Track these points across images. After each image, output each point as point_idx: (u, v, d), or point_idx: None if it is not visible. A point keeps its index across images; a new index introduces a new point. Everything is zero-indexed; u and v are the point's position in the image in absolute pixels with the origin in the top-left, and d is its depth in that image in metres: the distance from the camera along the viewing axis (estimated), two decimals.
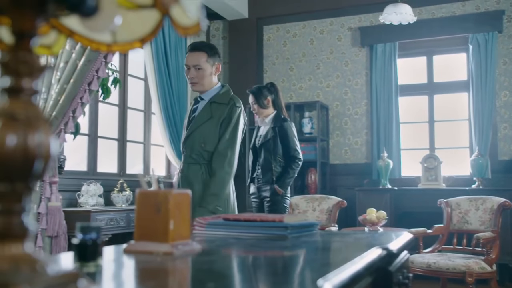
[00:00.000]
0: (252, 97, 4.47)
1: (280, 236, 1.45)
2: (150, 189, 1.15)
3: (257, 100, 4.41)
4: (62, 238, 3.09)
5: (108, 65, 3.18)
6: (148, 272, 0.94)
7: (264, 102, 4.41)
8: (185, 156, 2.93)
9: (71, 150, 4.79)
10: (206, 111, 2.96)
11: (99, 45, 0.72)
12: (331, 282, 0.74)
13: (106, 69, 3.18)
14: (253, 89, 4.55)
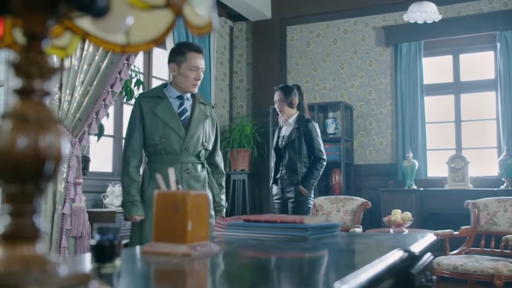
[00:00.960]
0: (281, 93, 4.42)
1: (301, 237, 1.43)
2: (168, 190, 1.15)
3: (286, 97, 4.38)
4: (86, 239, 3.12)
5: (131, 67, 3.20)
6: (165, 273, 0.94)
7: (292, 101, 4.40)
8: (187, 155, 2.89)
9: (96, 152, 4.85)
10: (201, 111, 2.99)
11: (113, 46, 0.72)
12: (348, 285, 0.73)
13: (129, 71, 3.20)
14: (283, 86, 4.54)
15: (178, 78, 2.92)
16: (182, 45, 3.02)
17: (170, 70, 2.95)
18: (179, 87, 2.93)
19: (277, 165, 4.47)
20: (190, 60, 2.89)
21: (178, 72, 2.90)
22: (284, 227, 1.48)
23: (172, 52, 3.00)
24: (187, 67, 2.88)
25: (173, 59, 2.94)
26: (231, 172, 6.44)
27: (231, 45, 7.02)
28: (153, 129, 2.85)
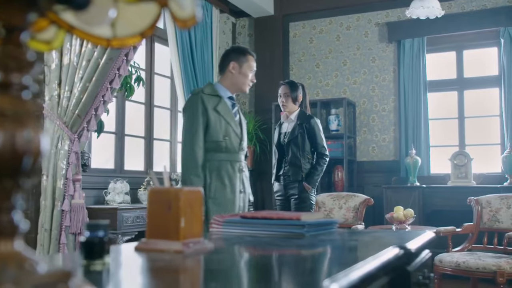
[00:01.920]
0: (287, 88, 4.41)
1: (297, 234, 1.42)
2: (161, 187, 1.14)
3: (291, 92, 4.38)
4: None
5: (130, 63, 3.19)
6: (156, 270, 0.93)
7: (297, 97, 4.40)
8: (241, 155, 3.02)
9: (99, 148, 4.85)
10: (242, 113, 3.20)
11: (98, 40, 0.71)
12: (338, 283, 0.71)
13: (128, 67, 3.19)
14: (289, 81, 4.56)
15: (236, 77, 3.03)
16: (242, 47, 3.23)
17: (228, 68, 3.02)
18: (234, 86, 3.04)
19: (279, 162, 4.45)
20: (250, 62, 3.07)
21: (239, 71, 3.02)
22: (281, 224, 1.46)
23: (234, 51, 3.11)
24: (248, 68, 3.05)
25: (235, 58, 3.05)
26: None
27: (234, 41, 7.00)
28: (218, 127, 2.90)
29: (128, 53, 3.08)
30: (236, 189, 2.97)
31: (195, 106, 2.90)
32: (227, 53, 3.13)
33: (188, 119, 2.91)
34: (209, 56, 6.00)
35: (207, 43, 5.98)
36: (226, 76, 3.07)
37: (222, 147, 2.91)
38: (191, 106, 2.92)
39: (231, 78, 3.04)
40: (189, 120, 2.90)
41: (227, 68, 3.05)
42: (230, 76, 3.05)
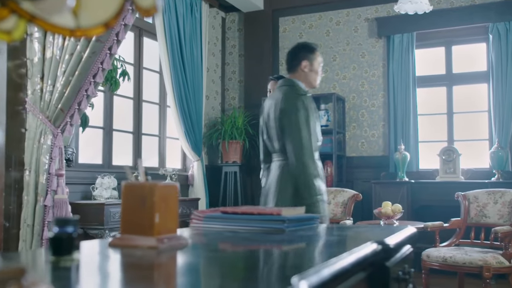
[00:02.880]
0: (276, 83, 4.40)
1: (277, 229, 1.41)
2: (136, 182, 1.12)
3: None
4: None
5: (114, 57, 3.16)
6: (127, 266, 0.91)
7: None
8: None
9: (86, 143, 4.82)
10: None
11: (61, 30, 0.69)
12: (308, 280, 0.70)
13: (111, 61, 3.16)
14: (278, 76, 4.54)
15: (309, 74, 3.07)
16: (308, 43, 3.23)
17: (300, 67, 3.05)
18: (307, 82, 3.08)
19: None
20: (318, 58, 3.12)
21: (310, 69, 3.06)
22: (261, 219, 1.45)
23: (303, 49, 3.12)
24: (318, 64, 3.11)
25: (306, 56, 3.08)
26: (223, 164, 6.41)
27: (223, 36, 6.97)
28: (317, 128, 2.97)
29: (112, 46, 3.05)
30: None
31: (304, 108, 2.92)
32: (297, 51, 3.14)
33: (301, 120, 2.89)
34: (198, 51, 5.96)
35: (196, 37, 5.95)
36: (299, 74, 3.08)
37: (316, 147, 2.97)
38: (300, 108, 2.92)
39: (304, 76, 3.08)
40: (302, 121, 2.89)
41: (299, 66, 3.07)
42: (304, 75, 3.07)
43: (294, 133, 2.88)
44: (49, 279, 0.75)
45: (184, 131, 5.66)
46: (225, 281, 0.76)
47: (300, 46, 3.18)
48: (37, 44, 3.04)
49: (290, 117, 2.92)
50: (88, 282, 0.77)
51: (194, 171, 5.91)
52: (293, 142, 2.88)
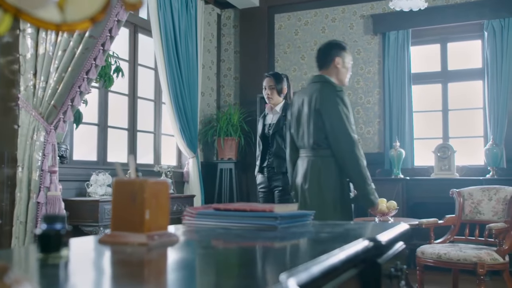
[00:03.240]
0: (271, 80, 4.39)
1: (270, 226, 1.40)
2: (126, 178, 1.11)
3: (276, 84, 4.36)
4: None
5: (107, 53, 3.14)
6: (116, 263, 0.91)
7: (282, 89, 4.38)
8: None
9: (81, 140, 4.80)
10: None
11: (47, 24, 0.68)
12: (297, 277, 0.70)
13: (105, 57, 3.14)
14: (274, 73, 4.53)
15: (342, 71, 3.21)
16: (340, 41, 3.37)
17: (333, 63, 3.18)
18: (339, 79, 3.22)
19: (263, 154, 4.44)
20: (349, 56, 3.25)
21: (343, 65, 3.20)
22: (254, 216, 1.45)
23: (336, 46, 3.26)
24: (349, 61, 3.24)
25: (339, 53, 3.21)
26: (218, 161, 6.41)
27: (219, 33, 6.96)
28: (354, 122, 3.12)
29: (105, 43, 3.03)
30: None
31: (345, 104, 3.05)
32: (329, 49, 3.25)
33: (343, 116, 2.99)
34: (194, 47, 5.95)
35: (192, 34, 5.93)
36: (332, 71, 3.21)
37: None
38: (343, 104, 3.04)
39: (336, 73, 3.21)
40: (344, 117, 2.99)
41: (332, 63, 3.19)
42: (336, 71, 3.20)
43: (339, 127, 2.95)
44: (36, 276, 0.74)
45: (179, 128, 5.64)
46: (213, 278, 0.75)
47: (332, 44, 3.30)
48: (29, 40, 3.02)
49: (332, 112, 2.99)
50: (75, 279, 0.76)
51: (189, 168, 5.91)
52: (339, 136, 2.96)
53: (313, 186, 3.04)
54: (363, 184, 2.99)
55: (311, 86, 3.19)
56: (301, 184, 3.11)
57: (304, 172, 3.09)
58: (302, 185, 3.11)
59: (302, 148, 3.17)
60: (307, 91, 3.21)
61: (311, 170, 3.06)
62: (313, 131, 3.06)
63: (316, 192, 3.03)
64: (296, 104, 3.24)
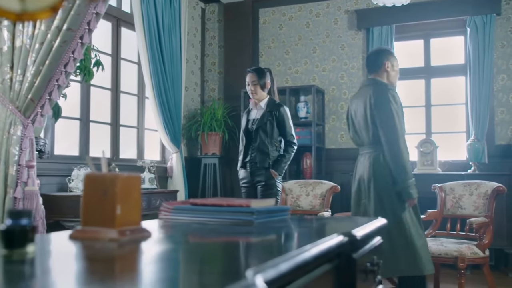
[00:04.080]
0: (254, 75, 4.36)
1: (246, 221, 1.39)
2: (97, 172, 1.09)
3: (259, 80, 4.34)
4: (40, 223, 3.04)
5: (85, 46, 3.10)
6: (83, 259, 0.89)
7: (265, 83, 4.37)
8: None
9: (63, 135, 4.75)
10: None
11: (7, 13, 0.66)
12: (265, 274, 0.68)
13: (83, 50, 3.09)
14: (256, 68, 4.50)
15: (391, 74, 3.51)
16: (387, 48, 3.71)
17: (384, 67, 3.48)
18: (390, 82, 3.50)
19: (246, 149, 4.42)
20: (396, 60, 3.54)
21: (392, 69, 3.50)
22: (230, 211, 1.44)
23: (384, 52, 3.56)
24: (396, 64, 3.53)
25: (388, 58, 3.51)
26: (202, 156, 6.38)
27: (203, 27, 6.92)
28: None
29: (83, 36, 2.98)
30: None
31: (396, 102, 3.34)
32: (379, 54, 3.55)
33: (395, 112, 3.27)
34: (177, 41, 5.91)
35: (175, 28, 5.89)
36: (382, 74, 3.51)
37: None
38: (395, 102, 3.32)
39: (387, 76, 3.50)
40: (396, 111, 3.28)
41: (383, 67, 3.50)
42: (386, 74, 3.50)
43: (388, 123, 3.23)
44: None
45: (162, 122, 5.61)
46: (178, 274, 0.74)
47: (381, 50, 3.63)
48: (6, 32, 2.96)
49: (383, 108, 3.27)
50: (39, 276, 0.74)
51: (173, 163, 5.88)
52: (387, 131, 3.24)
53: (377, 178, 3.34)
54: (404, 177, 3.25)
55: (365, 89, 3.50)
56: (365, 178, 3.42)
57: (368, 167, 3.39)
58: (366, 179, 3.41)
59: (361, 145, 3.53)
60: (362, 93, 3.51)
61: (373, 165, 3.36)
62: (371, 129, 3.36)
63: (382, 184, 3.32)
64: (353, 107, 3.58)
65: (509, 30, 5.68)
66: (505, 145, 5.63)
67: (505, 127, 5.67)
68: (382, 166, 3.32)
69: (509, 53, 5.68)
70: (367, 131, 3.41)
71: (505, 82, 5.69)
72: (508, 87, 5.68)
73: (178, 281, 0.68)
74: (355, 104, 3.56)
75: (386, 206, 3.33)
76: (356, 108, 3.52)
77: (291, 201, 5.06)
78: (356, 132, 3.56)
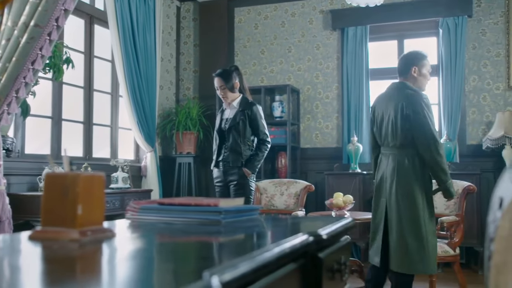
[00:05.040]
0: (220, 80, 4.32)
1: (213, 221, 1.38)
2: (58, 171, 1.07)
3: (226, 83, 4.29)
4: (6, 224, 2.98)
5: (53, 43, 3.04)
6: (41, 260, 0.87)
7: (233, 85, 4.32)
8: None
9: (34, 133, 4.67)
10: None
11: None
12: (221, 275, 0.68)
13: (51, 47, 3.04)
14: (221, 71, 4.40)
15: (418, 79, 3.59)
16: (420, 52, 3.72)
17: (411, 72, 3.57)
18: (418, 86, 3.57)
19: (219, 148, 4.41)
20: (428, 65, 3.63)
21: (419, 74, 3.58)
22: (197, 211, 1.42)
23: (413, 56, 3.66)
24: (426, 70, 3.62)
25: (415, 63, 3.60)
26: (177, 155, 6.35)
27: (178, 25, 6.88)
28: None
29: (51, 32, 2.93)
30: None
31: (429, 104, 3.47)
32: (408, 58, 3.65)
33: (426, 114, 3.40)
34: (152, 40, 5.86)
35: (150, 26, 5.84)
36: (410, 79, 3.58)
37: None
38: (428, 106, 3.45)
39: (413, 80, 3.58)
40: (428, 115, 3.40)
41: (410, 72, 3.58)
42: (413, 79, 3.58)
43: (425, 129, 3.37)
44: None
45: (137, 121, 5.56)
46: (134, 274, 0.72)
47: (410, 53, 3.72)
48: None
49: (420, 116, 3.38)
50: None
51: (147, 162, 5.83)
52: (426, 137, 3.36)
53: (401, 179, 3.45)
54: (445, 178, 3.39)
55: (394, 92, 3.57)
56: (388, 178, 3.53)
57: (392, 169, 3.50)
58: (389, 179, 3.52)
59: (386, 146, 3.58)
60: (392, 97, 3.57)
61: (398, 166, 3.47)
62: (400, 132, 3.45)
63: (404, 184, 3.44)
64: (381, 108, 3.64)
65: (480, 32, 5.78)
66: (476, 145, 5.72)
67: (476, 127, 5.76)
68: (405, 169, 3.46)
69: (480, 54, 5.77)
70: (394, 135, 3.50)
71: (476, 83, 5.78)
72: (479, 88, 5.77)
73: (133, 281, 0.67)
74: (384, 106, 3.62)
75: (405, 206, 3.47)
76: (385, 111, 3.59)
77: (266, 201, 5.06)
78: (380, 133, 3.62)
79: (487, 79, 5.74)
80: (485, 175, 5.51)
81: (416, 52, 3.75)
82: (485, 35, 5.76)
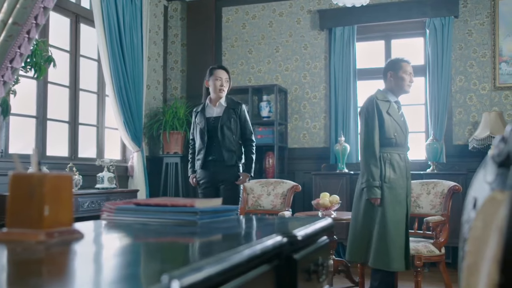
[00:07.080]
0: (226, 73, 4.46)
1: (189, 221, 1.36)
2: (24, 172, 1.04)
3: (229, 78, 4.45)
4: None
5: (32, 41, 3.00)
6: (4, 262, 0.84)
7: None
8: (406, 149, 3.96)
9: (19, 133, 4.62)
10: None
11: None
12: (181, 278, 0.65)
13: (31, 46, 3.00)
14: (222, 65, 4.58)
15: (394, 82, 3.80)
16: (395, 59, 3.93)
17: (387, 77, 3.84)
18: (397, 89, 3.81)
19: (208, 148, 4.35)
20: (405, 68, 3.80)
21: (395, 77, 3.78)
22: (174, 211, 1.40)
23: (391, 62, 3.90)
24: (403, 72, 3.79)
25: (391, 68, 3.85)
26: (164, 155, 6.31)
27: (166, 25, 6.84)
28: (389, 126, 3.71)
29: (30, 30, 2.89)
30: (404, 175, 3.76)
31: (371, 110, 3.67)
32: (384, 67, 3.93)
33: (366, 120, 3.69)
34: (139, 39, 5.82)
35: (137, 26, 5.80)
36: (387, 83, 3.85)
37: (392, 142, 3.72)
38: (368, 111, 3.69)
39: (390, 84, 3.82)
40: (366, 122, 3.69)
41: (387, 77, 3.85)
42: (389, 82, 3.83)
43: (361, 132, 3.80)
44: None
45: (123, 121, 5.52)
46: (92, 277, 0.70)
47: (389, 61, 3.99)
48: None
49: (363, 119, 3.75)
50: None
51: (134, 162, 5.79)
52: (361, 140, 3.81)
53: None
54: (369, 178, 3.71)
55: None
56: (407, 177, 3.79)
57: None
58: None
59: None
60: None
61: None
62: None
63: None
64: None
65: (467, 32, 5.80)
66: (462, 145, 5.74)
67: (463, 128, 5.78)
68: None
69: (466, 55, 5.79)
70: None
71: (463, 83, 5.80)
72: (466, 88, 5.79)
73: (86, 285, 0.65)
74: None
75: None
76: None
77: (252, 201, 5.04)
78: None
79: (474, 80, 5.76)
80: (471, 175, 5.52)
81: (394, 59, 3.98)
82: (471, 36, 5.78)
